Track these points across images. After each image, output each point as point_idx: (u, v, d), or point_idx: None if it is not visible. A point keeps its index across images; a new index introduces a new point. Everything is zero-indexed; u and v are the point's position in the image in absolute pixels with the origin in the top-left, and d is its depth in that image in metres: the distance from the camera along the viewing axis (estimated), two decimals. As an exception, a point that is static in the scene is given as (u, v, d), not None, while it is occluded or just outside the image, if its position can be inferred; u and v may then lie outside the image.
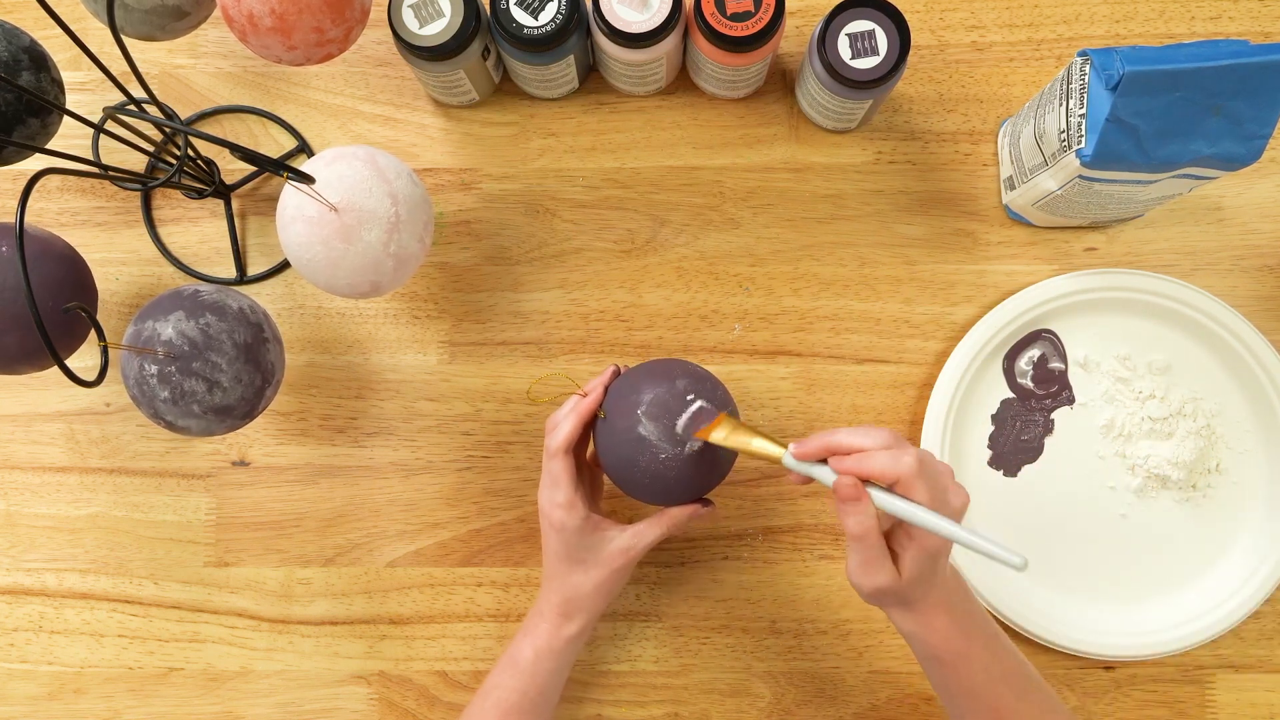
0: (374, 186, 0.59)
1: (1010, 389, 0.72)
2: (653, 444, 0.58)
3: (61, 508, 0.74)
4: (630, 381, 0.61)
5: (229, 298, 0.60)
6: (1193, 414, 0.71)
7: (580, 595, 0.62)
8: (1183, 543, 0.71)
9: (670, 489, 0.60)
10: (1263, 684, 0.71)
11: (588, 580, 0.62)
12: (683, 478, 0.59)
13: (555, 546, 0.62)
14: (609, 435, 0.60)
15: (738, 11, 0.64)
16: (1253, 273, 0.73)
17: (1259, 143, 0.58)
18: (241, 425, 0.61)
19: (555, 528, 0.61)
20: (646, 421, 0.58)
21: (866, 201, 0.74)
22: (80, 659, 0.74)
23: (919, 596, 0.54)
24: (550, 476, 0.61)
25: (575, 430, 0.61)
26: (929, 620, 0.54)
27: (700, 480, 0.61)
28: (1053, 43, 0.74)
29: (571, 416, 0.61)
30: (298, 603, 0.73)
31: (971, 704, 0.56)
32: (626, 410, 0.59)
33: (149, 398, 0.57)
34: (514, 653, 0.63)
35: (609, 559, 0.62)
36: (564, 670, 0.64)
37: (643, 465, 0.59)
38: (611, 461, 0.61)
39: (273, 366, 0.61)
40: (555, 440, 0.61)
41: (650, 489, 0.60)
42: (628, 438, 0.59)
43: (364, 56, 0.76)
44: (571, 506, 0.60)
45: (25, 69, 0.60)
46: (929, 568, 0.53)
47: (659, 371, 0.61)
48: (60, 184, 0.76)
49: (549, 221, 0.74)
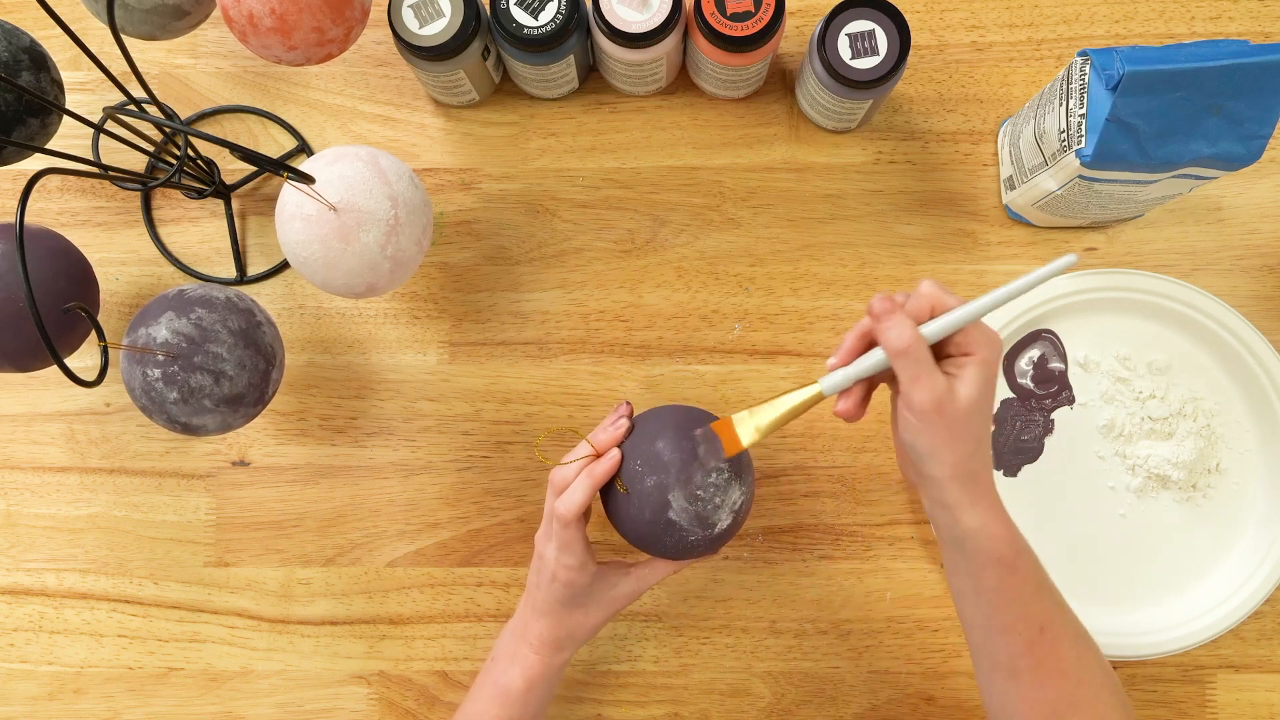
0: (375, 188, 0.59)
1: (1010, 389, 0.72)
2: (682, 528, 0.57)
3: (61, 508, 0.74)
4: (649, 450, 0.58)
5: (214, 290, 0.60)
6: (1193, 414, 0.71)
7: (578, 633, 0.61)
8: (1183, 543, 0.71)
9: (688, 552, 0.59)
10: (1263, 684, 0.71)
11: (587, 620, 0.61)
12: (710, 547, 0.59)
13: (558, 594, 0.60)
14: (631, 513, 0.58)
15: (738, 11, 0.64)
16: (1253, 273, 0.73)
17: (1259, 143, 0.58)
18: (256, 413, 0.60)
19: (562, 584, 0.59)
20: (678, 509, 0.57)
21: (866, 201, 0.74)
22: (80, 659, 0.74)
23: (983, 465, 0.51)
24: (560, 542, 0.58)
25: (587, 498, 0.58)
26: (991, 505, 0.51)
27: (719, 542, 0.60)
28: (1053, 43, 0.74)
29: (585, 482, 0.58)
30: (298, 603, 0.73)
31: (1020, 614, 0.52)
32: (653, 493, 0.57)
33: (159, 404, 0.57)
34: (501, 680, 0.62)
35: (612, 602, 0.61)
36: (552, 695, 0.63)
37: (669, 545, 0.58)
38: (632, 534, 0.59)
39: (272, 348, 0.61)
40: (568, 509, 0.58)
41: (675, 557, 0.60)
42: (655, 520, 0.57)
43: (364, 56, 0.76)
44: (584, 567, 0.59)
45: (25, 69, 0.60)
46: (988, 393, 0.50)
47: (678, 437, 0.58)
48: (60, 184, 0.76)
49: (549, 221, 0.74)
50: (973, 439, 0.51)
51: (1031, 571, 0.53)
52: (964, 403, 0.50)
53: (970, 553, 0.53)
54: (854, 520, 0.72)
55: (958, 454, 0.51)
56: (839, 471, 0.73)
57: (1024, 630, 0.53)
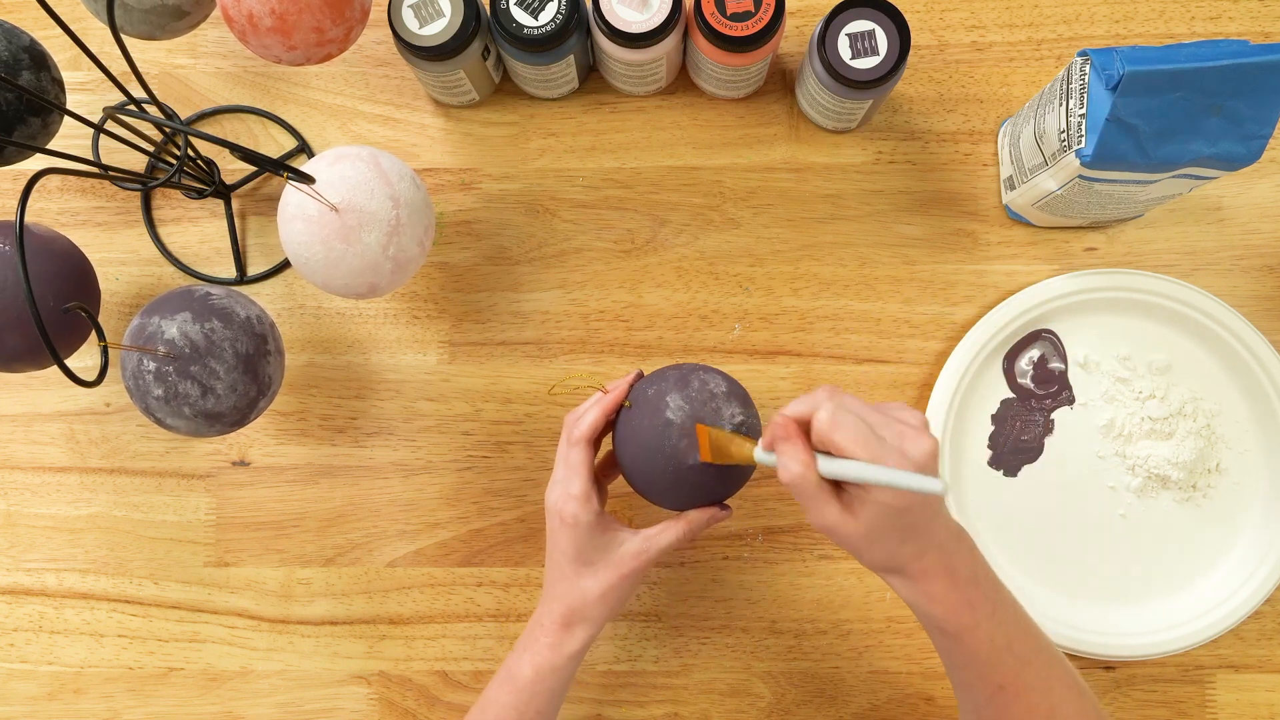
0: (376, 188, 0.59)
1: (1010, 389, 0.72)
2: (679, 428, 0.56)
3: (61, 508, 0.74)
4: (660, 375, 0.59)
5: (238, 304, 0.60)
6: (1193, 414, 0.71)
7: (586, 602, 0.59)
8: (1183, 543, 0.72)
9: (693, 487, 0.58)
10: (1263, 684, 0.71)
11: (595, 584, 0.59)
12: (707, 474, 0.57)
13: (564, 545, 0.59)
14: (634, 425, 0.58)
15: (738, 11, 0.64)
16: (1253, 273, 0.73)
17: (1259, 143, 0.58)
18: (229, 432, 0.61)
19: (567, 523, 0.58)
20: (675, 407, 0.56)
21: (866, 201, 0.74)
22: (80, 659, 0.74)
23: (907, 561, 0.51)
24: (567, 467, 0.59)
25: (600, 421, 0.59)
26: (926, 587, 0.51)
27: (724, 481, 0.58)
28: (1053, 43, 0.74)
29: (596, 408, 0.59)
30: (298, 603, 0.73)
31: (976, 674, 0.53)
32: (653, 399, 0.57)
33: (142, 392, 0.57)
34: (513, 668, 0.61)
35: (619, 562, 0.59)
36: (563, 689, 0.61)
37: (667, 453, 0.56)
38: (633, 453, 0.58)
39: (270, 379, 0.61)
40: (578, 429, 0.59)
41: (672, 484, 0.58)
42: (653, 423, 0.56)
43: (364, 56, 0.76)
44: (587, 499, 0.58)
45: (25, 69, 0.60)
46: (893, 522, 0.49)
47: (685, 367, 0.59)
48: (60, 184, 0.76)
49: (549, 221, 0.74)
50: (880, 552, 0.51)
51: (984, 641, 0.52)
52: (859, 530, 0.50)
53: (918, 617, 0.54)
54: (854, 520, 0.72)
55: (869, 560, 0.52)
56: (839, 471, 0.73)
57: (982, 687, 0.53)
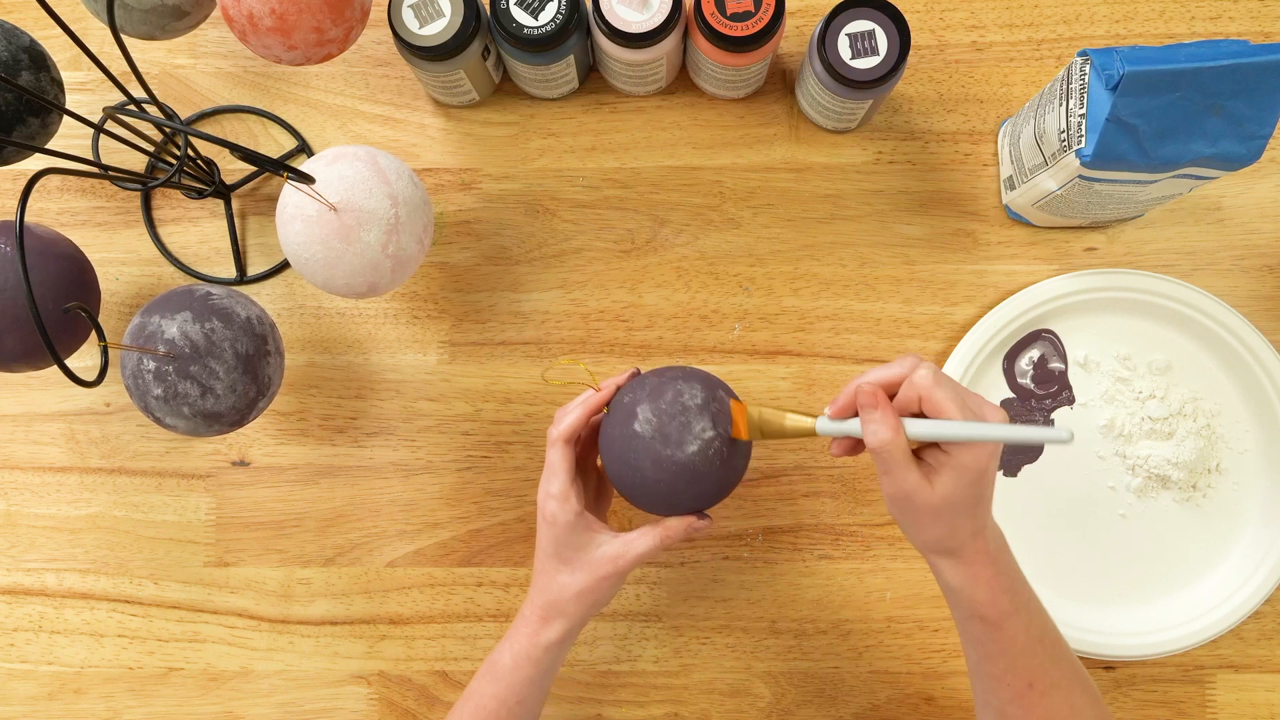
0: (374, 187, 0.59)
1: (1010, 389, 0.72)
2: (646, 441, 0.56)
3: (61, 508, 0.74)
4: (640, 381, 0.59)
5: (238, 305, 0.60)
6: (1193, 414, 0.71)
7: (563, 599, 0.59)
8: (1183, 543, 0.72)
9: (667, 494, 0.58)
10: (1263, 684, 0.71)
11: (572, 583, 0.59)
12: (677, 483, 0.57)
13: (544, 542, 0.60)
14: (608, 432, 0.59)
15: (738, 11, 0.64)
16: (1253, 273, 0.73)
17: (1259, 143, 0.58)
18: (229, 432, 0.61)
19: (547, 520, 0.59)
20: (643, 420, 0.56)
21: (866, 201, 0.74)
22: (80, 659, 0.74)
23: (965, 540, 0.51)
24: (549, 466, 0.59)
25: (580, 421, 0.59)
26: (977, 572, 0.52)
27: (699, 489, 0.58)
28: (1053, 43, 0.74)
29: (579, 408, 0.59)
30: (298, 603, 0.73)
31: (1007, 666, 0.53)
32: (627, 407, 0.58)
33: (141, 390, 0.57)
34: (494, 657, 0.61)
35: (595, 564, 0.59)
36: (543, 679, 0.61)
37: (634, 464, 0.57)
38: (607, 459, 0.59)
39: (269, 380, 0.61)
40: (557, 429, 0.59)
41: (646, 491, 0.58)
42: (623, 433, 0.57)
43: (364, 56, 0.76)
44: (565, 499, 0.58)
45: (25, 69, 0.60)
46: (971, 493, 0.50)
47: (671, 374, 0.59)
48: (60, 184, 0.76)
49: (549, 221, 0.74)
50: (945, 526, 0.52)
51: (1022, 629, 0.53)
52: (935, 499, 0.50)
53: (955, 604, 0.54)
54: (854, 520, 0.73)
55: (930, 535, 0.52)
56: (839, 471, 0.73)
57: (1011, 682, 0.54)
